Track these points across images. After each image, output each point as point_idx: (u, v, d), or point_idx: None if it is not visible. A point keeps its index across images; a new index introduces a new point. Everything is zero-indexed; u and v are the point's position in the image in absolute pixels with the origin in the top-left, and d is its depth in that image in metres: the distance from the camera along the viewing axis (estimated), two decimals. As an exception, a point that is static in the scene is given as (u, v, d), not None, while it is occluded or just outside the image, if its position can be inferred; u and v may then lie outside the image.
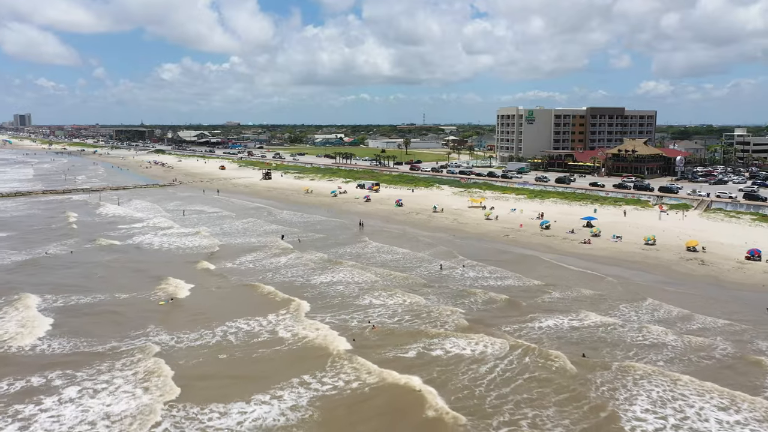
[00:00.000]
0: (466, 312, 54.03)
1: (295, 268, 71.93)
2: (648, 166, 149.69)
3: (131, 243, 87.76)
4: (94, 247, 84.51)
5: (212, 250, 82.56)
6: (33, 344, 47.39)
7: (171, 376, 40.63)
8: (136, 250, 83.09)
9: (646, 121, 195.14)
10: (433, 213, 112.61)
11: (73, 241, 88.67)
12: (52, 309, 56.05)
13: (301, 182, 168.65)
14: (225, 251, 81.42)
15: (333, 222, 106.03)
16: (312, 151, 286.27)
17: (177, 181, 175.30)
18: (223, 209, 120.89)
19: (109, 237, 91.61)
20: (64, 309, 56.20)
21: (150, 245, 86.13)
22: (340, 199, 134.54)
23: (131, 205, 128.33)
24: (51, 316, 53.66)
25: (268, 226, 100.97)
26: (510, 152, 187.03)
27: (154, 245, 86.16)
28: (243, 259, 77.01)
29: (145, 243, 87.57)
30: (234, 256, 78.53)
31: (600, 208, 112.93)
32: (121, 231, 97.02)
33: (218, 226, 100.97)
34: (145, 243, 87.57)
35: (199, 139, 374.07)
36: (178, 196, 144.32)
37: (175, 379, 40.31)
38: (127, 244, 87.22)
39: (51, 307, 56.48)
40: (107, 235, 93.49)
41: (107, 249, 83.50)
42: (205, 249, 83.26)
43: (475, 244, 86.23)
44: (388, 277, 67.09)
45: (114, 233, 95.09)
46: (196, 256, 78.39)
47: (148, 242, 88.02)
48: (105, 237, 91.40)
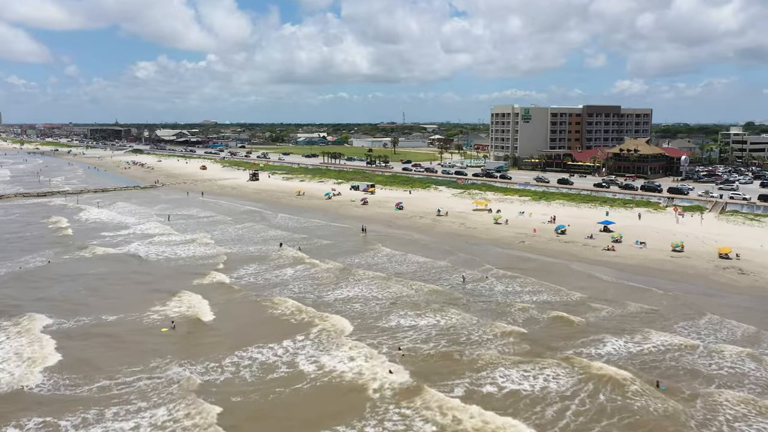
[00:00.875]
0: (509, 334, 47.95)
1: (304, 280, 65.40)
2: (651, 166, 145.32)
3: (126, 251, 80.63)
4: (88, 257, 77.28)
5: (217, 259, 75.85)
6: (41, 380, 40.78)
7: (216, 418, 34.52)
8: (134, 260, 75.96)
9: (642, 119, 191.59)
10: (438, 217, 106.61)
11: (60, 249, 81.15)
12: (59, 332, 49.53)
13: (290, 183, 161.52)
14: (231, 261, 74.68)
15: (333, 227, 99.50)
16: (297, 151, 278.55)
17: (159, 183, 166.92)
18: (215, 213, 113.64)
19: (101, 244, 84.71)
20: (71, 332, 49.64)
21: (148, 254, 79.08)
22: (335, 201, 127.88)
23: (115, 208, 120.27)
24: (60, 344, 47.05)
25: (267, 232, 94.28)
26: (505, 152, 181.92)
27: (152, 254, 79.11)
28: (249, 269, 70.60)
29: (141, 251, 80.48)
30: (240, 265, 72.16)
31: (611, 210, 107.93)
32: (111, 238, 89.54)
33: (214, 232, 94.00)
34: (141, 251, 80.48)
35: (178, 138, 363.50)
36: (162, 198, 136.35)
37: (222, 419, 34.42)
38: (123, 252, 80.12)
39: (59, 330, 49.93)
40: (99, 242, 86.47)
41: (102, 259, 76.24)
42: (210, 258, 76.41)
43: (491, 251, 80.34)
44: (411, 290, 60.87)
45: (104, 240, 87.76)
46: (202, 267, 71.70)
47: (144, 251, 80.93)
48: (97, 245, 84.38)
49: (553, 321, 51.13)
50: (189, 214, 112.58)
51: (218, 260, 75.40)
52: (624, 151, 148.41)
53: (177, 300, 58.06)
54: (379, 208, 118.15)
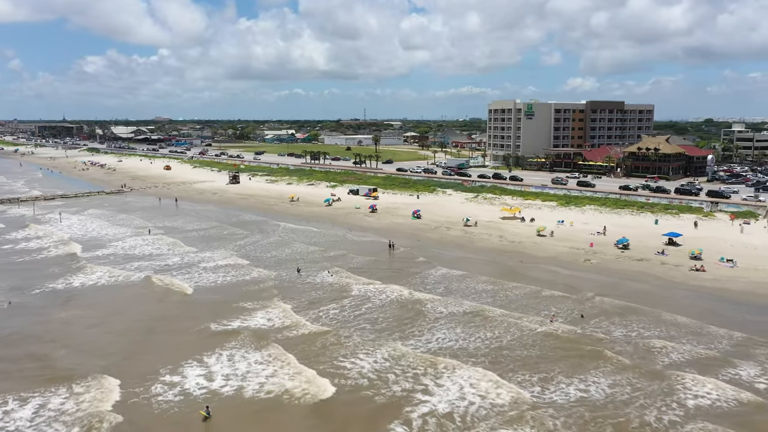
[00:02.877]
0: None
1: (380, 319, 50.80)
2: (672, 166, 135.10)
3: (133, 278, 64.48)
4: (72, 288, 60.54)
5: (264, 285, 61.53)
6: None
7: None
8: (143, 289, 59.99)
9: (645, 116, 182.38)
10: (467, 227, 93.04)
11: (34, 277, 63.96)
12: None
13: (277, 187, 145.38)
14: (285, 288, 60.18)
15: (356, 240, 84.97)
16: (270, 149, 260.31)
17: (127, 187, 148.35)
18: (204, 223, 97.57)
19: (90, 267, 68.20)
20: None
21: (161, 279, 63.38)
22: (338, 209, 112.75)
23: (86, 218, 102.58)
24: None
25: (288, 248, 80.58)
26: (505, 150, 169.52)
27: (168, 280, 63.85)
28: (308, 298, 55.78)
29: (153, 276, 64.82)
30: (299, 294, 57.98)
31: (659, 217, 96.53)
32: (99, 259, 72.44)
33: (242, 249, 79.89)
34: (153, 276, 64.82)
35: (137, 135, 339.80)
36: (135, 206, 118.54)
37: None
38: (124, 280, 63.88)
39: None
40: (87, 264, 69.55)
41: (98, 290, 59.75)
42: (252, 284, 61.17)
43: (561, 273, 67.10)
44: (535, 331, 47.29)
45: (92, 261, 70.57)
46: (249, 297, 57.45)
47: (155, 275, 65.53)
48: (86, 267, 67.92)
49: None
50: (174, 226, 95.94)
51: (265, 287, 61.36)
52: (643, 150, 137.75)
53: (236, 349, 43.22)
54: (392, 216, 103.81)
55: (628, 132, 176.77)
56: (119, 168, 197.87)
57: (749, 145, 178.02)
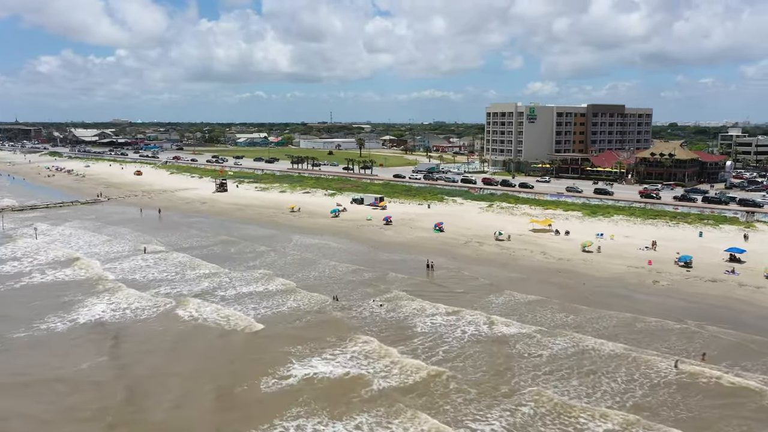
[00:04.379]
0: None
1: (469, 367, 41.70)
2: (687, 173, 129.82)
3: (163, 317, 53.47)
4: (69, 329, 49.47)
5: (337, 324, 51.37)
6: None
7: None
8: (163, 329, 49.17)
9: (644, 120, 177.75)
10: (499, 242, 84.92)
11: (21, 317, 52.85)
12: None
13: (269, 195, 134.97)
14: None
15: (385, 259, 75.76)
16: (248, 154, 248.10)
17: (103, 196, 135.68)
18: (212, 236, 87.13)
19: (84, 311, 56.38)
20: None
21: (203, 315, 52.36)
22: (347, 220, 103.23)
23: (74, 234, 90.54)
24: None
25: (325, 265, 71.46)
26: (506, 155, 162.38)
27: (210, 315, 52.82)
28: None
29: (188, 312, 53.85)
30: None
31: (699, 229, 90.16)
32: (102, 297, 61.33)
33: (270, 268, 69.48)
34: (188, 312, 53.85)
35: (101, 139, 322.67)
36: (117, 217, 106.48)
37: None
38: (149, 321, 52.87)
39: None
40: (81, 307, 57.95)
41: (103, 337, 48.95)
42: (314, 314, 50.95)
43: (638, 299, 59.23)
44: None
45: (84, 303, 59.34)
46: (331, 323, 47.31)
47: (234, 308, 54.60)
48: (78, 311, 56.15)
49: None
50: (174, 242, 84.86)
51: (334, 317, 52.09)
52: (656, 155, 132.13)
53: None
54: (411, 229, 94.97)
55: (627, 136, 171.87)
56: (88, 174, 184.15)
57: (749, 150, 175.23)
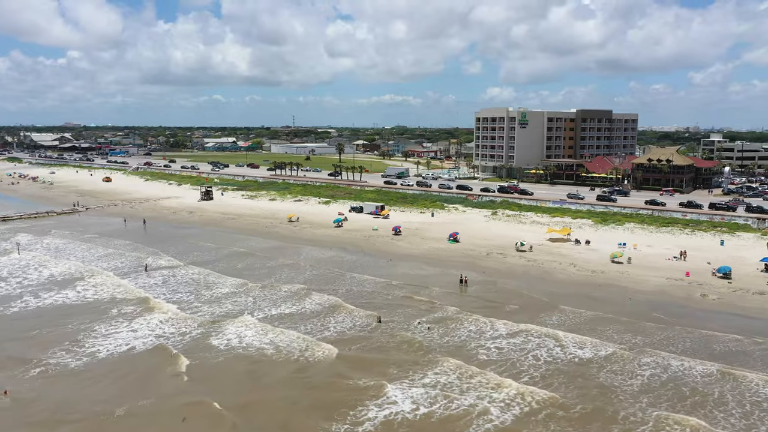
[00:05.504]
0: None
1: (573, 398, 37.50)
2: (685, 179, 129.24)
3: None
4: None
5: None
6: None
7: None
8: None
9: (630, 125, 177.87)
10: (520, 252, 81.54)
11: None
12: None
13: (259, 204, 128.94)
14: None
15: (411, 273, 71.02)
16: (222, 159, 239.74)
17: (80, 206, 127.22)
18: (214, 249, 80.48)
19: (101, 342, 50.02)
20: None
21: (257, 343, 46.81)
22: (353, 231, 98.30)
23: (63, 247, 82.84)
24: None
25: (351, 281, 65.48)
26: (497, 161, 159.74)
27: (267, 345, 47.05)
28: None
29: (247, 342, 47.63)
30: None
31: (718, 237, 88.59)
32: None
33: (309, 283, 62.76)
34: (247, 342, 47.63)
35: (62, 143, 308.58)
36: (102, 229, 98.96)
37: None
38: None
39: None
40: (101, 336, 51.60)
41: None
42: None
43: (698, 316, 56.23)
44: None
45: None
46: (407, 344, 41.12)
47: (300, 330, 48.29)
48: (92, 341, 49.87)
49: None
50: (179, 255, 78.42)
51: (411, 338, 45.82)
52: (653, 161, 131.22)
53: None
54: (423, 240, 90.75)
55: (614, 141, 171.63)
56: (56, 181, 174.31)
57: (731, 155, 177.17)
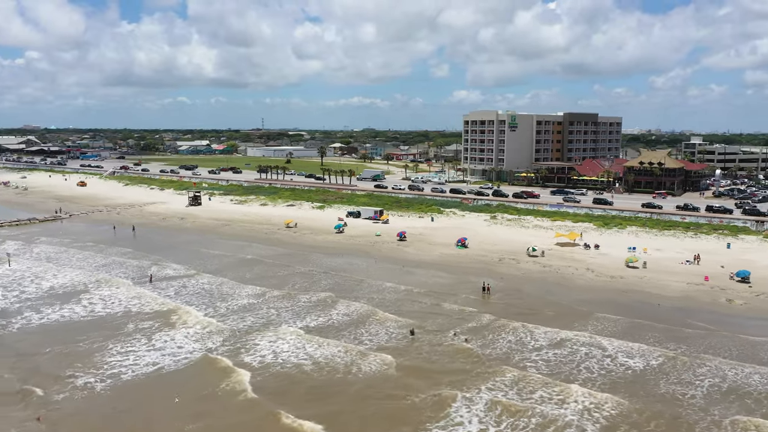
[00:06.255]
0: None
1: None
2: (676, 181, 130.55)
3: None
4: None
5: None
6: None
7: None
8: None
9: (614, 128, 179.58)
10: (532, 257, 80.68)
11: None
12: None
13: (251, 209, 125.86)
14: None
15: (428, 282, 69.31)
16: (201, 163, 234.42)
17: (62, 212, 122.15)
18: (220, 257, 77.19)
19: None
20: None
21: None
22: (356, 237, 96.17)
23: (60, 258, 78.51)
24: None
25: (370, 288, 62.26)
26: (486, 164, 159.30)
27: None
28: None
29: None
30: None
31: (722, 239, 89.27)
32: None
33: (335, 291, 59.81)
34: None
35: (29, 147, 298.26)
36: (94, 237, 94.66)
37: None
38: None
39: None
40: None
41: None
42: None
43: (731, 322, 55.83)
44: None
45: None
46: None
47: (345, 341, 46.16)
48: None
49: None
50: (184, 264, 75.06)
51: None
52: (645, 164, 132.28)
53: None
54: (429, 245, 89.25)
55: (599, 144, 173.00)
56: (30, 186, 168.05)
57: (711, 157, 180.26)
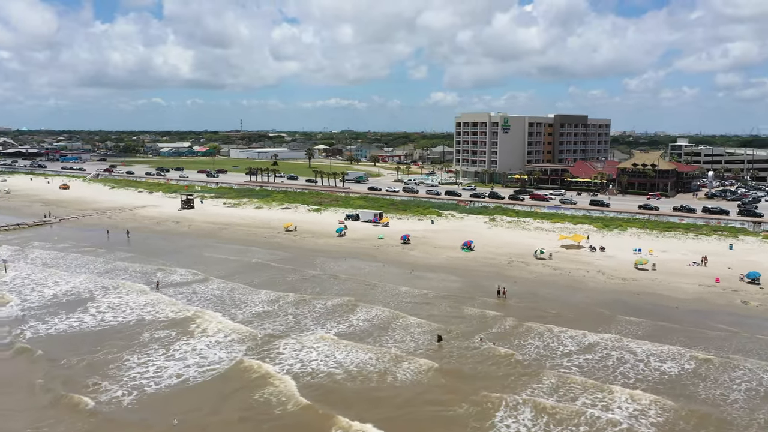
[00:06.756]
0: None
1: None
2: (669, 183, 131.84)
3: None
4: None
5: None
6: None
7: None
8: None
9: (603, 130, 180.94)
10: (540, 260, 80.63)
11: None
12: None
13: (245, 212, 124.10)
14: None
15: (441, 287, 68.39)
16: (187, 165, 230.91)
17: (52, 217, 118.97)
18: (227, 261, 75.48)
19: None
20: None
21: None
22: (360, 240, 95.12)
23: (61, 265, 76.03)
24: None
25: (387, 292, 61.09)
26: (479, 166, 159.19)
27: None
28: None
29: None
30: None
31: (723, 240, 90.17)
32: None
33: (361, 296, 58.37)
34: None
35: (5, 149, 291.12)
36: (91, 241, 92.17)
37: None
38: None
39: None
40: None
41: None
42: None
43: (749, 324, 56.05)
44: None
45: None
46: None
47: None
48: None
49: None
50: (191, 269, 73.24)
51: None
52: (638, 165, 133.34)
53: None
54: (434, 248, 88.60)
55: (589, 146, 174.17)
56: (12, 189, 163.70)
57: (698, 159, 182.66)
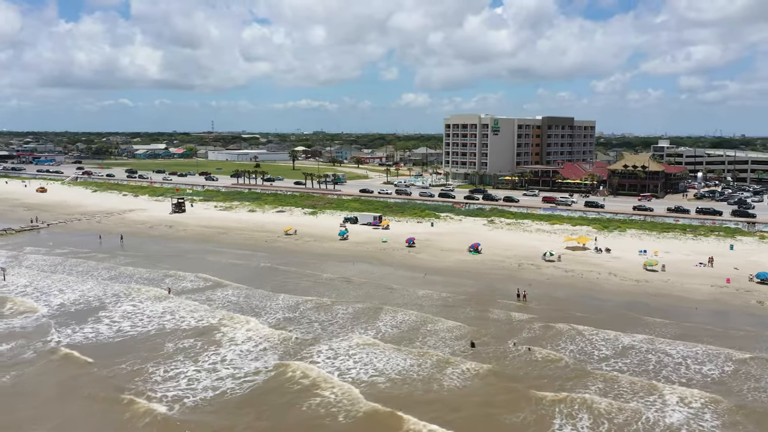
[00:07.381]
0: None
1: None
2: (659, 184, 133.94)
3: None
4: None
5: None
6: None
7: None
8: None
9: (589, 132, 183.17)
10: (550, 262, 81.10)
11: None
12: None
13: (239, 216, 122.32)
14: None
15: (459, 291, 68.04)
16: (168, 167, 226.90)
17: (40, 222, 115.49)
18: (241, 267, 73.91)
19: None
20: None
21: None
22: (363, 243, 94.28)
23: (63, 272, 73.48)
24: None
25: (411, 297, 60.48)
26: (469, 168, 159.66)
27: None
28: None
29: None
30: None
31: (721, 241, 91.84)
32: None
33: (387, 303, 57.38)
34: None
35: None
36: (87, 246, 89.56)
37: None
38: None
39: None
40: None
41: None
42: None
43: (765, 324, 57.06)
44: None
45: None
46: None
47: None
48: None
49: None
50: (202, 274, 71.57)
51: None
52: (629, 167, 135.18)
53: None
54: (441, 251, 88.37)
55: (575, 147, 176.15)
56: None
57: (680, 160, 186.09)
